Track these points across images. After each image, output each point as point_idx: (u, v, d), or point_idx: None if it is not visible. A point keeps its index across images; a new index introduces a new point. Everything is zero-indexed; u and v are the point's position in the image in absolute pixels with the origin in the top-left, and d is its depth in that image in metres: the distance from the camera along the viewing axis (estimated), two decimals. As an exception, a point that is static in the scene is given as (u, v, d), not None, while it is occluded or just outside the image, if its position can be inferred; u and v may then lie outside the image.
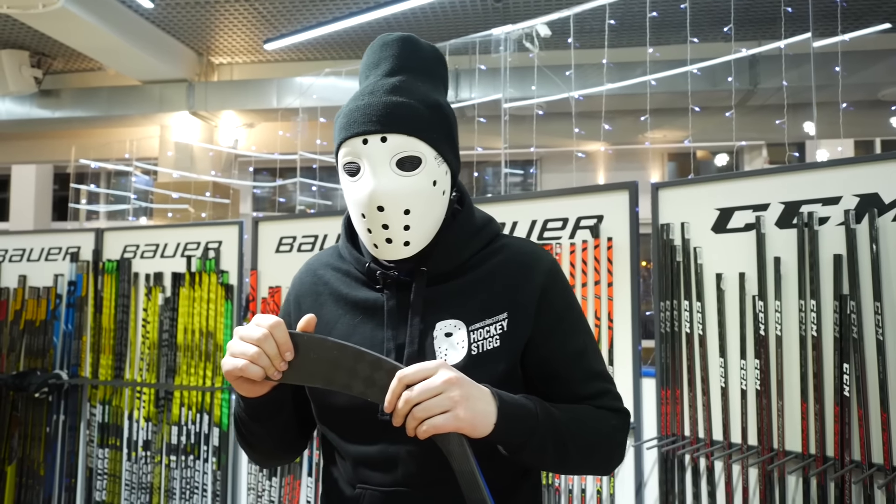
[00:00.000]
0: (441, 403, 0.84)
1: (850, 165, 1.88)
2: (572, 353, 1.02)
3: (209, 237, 3.47)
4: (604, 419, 1.01)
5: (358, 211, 0.98)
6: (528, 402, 0.93)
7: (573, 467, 1.00)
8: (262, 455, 1.09)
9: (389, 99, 0.96)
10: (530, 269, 1.02)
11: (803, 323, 1.91)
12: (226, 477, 3.28)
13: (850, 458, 1.81)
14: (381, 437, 0.98)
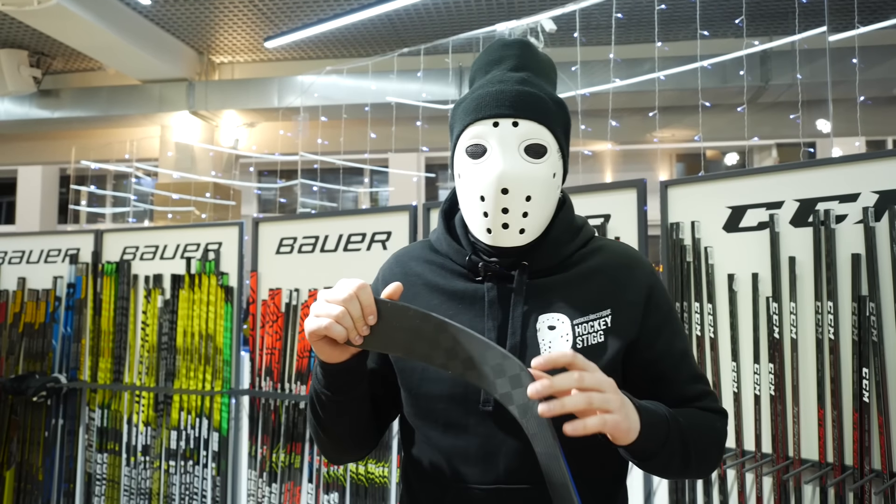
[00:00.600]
0: (610, 401, 0.81)
1: (869, 161, 1.79)
2: (678, 354, 1.02)
3: (209, 238, 3.42)
4: (712, 422, 1.00)
5: (477, 193, 0.97)
6: (658, 407, 0.92)
7: (686, 471, 0.98)
8: (333, 443, 1.03)
9: (522, 88, 0.97)
10: (634, 270, 1.03)
11: (820, 326, 1.83)
12: (225, 483, 3.22)
13: (870, 466, 1.73)
14: (481, 429, 0.96)
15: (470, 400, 0.97)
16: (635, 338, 1.00)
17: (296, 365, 3.05)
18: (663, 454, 0.91)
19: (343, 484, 2.86)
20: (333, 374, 0.93)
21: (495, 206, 0.96)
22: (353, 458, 1.08)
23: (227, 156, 7.24)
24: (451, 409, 0.98)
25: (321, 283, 3.02)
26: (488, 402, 0.96)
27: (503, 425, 0.94)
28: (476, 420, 0.96)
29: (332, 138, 5.96)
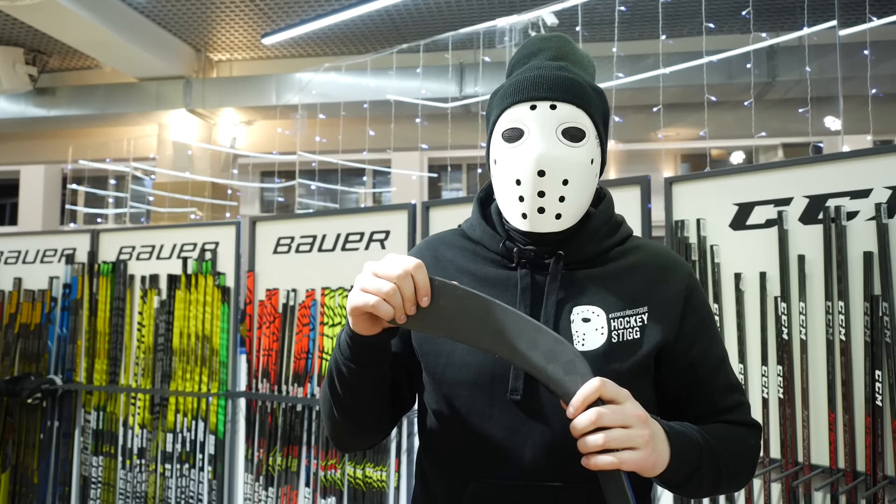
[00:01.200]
0: (633, 438, 0.78)
1: (882, 155, 1.73)
2: (715, 361, 0.99)
3: (206, 238, 3.37)
4: (745, 440, 0.97)
5: (513, 177, 0.95)
6: (691, 432, 0.88)
7: (719, 491, 0.95)
8: (347, 423, 0.98)
9: (560, 73, 0.96)
10: (673, 271, 1.00)
11: (830, 326, 1.76)
12: (221, 486, 3.17)
13: (884, 473, 1.66)
14: (506, 420, 0.92)
15: (496, 388, 0.93)
16: (672, 340, 0.96)
17: (293, 367, 3.00)
18: (694, 480, 0.88)
19: (340, 488, 2.81)
20: (361, 346, 0.89)
21: (532, 189, 0.93)
22: (363, 442, 1.03)
23: (225, 155, 7.20)
24: (476, 396, 0.94)
25: (319, 283, 2.97)
26: (516, 391, 0.92)
27: (531, 416, 0.91)
28: (502, 410, 0.93)
29: (331, 136, 5.91)
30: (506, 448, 0.92)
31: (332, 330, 2.89)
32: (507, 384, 0.93)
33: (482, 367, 0.94)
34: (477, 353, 0.94)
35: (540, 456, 0.91)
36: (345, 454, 0.94)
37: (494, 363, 0.94)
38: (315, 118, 5.84)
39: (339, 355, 0.92)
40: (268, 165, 7.97)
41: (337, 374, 0.92)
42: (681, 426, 0.89)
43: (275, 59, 7.38)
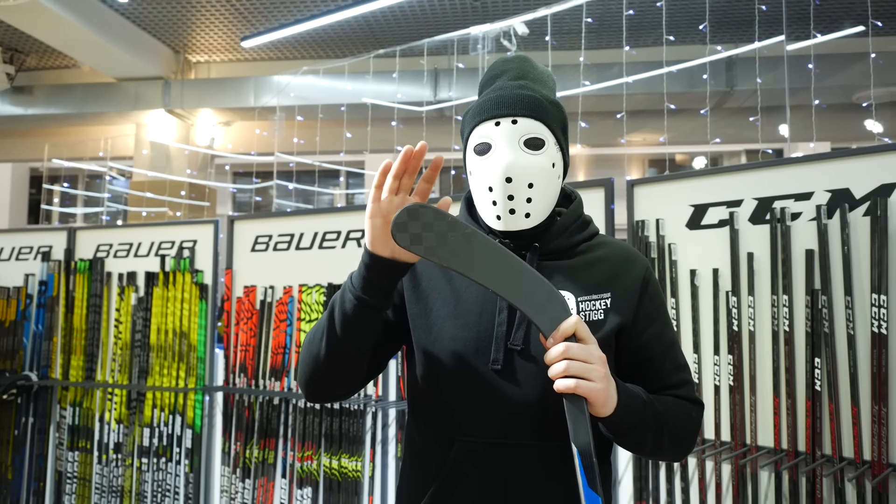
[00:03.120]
0: (593, 371, 0.91)
1: (822, 161, 1.89)
2: (666, 343, 1.12)
3: (184, 236, 3.43)
4: (688, 412, 1.10)
5: (486, 184, 1.07)
6: (639, 391, 1.02)
7: (660, 454, 1.07)
8: (331, 365, 1.05)
9: (520, 91, 1.08)
10: (632, 263, 1.13)
11: (776, 318, 1.92)
12: (198, 479, 3.23)
13: (822, 452, 1.81)
14: (489, 387, 1.04)
15: (480, 359, 1.05)
16: (630, 322, 1.09)
17: (270, 362, 3.08)
18: (637, 432, 1.00)
19: (316, 478, 2.89)
20: (378, 270, 0.99)
21: (502, 193, 1.05)
22: (335, 389, 1.10)
23: (202, 155, 7.22)
24: (461, 366, 1.06)
25: (296, 280, 3.05)
26: (497, 362, 1.05)
27: (509, 383, 1.03)
28: (484, 378, 1.05)
29: (309, 138, 5.99)
30: (486, 411, 1.05)
31: (309, 325, 2.97)
32: (489, 356, 1.05)
33: (468, 342, 1.06)
34: (464, 328, 1.06)
35: (516, 418, 1.03)
36: (316, 401, 1.00)
37: (479, 338, 1.06)
38: (293, 120, 5.91)
39: (348, 292, 1.02)
40: (242, 166, 8.00)
41: (340, 313, 1.01)
42: (631, 385, 1.03)
43: (253, 62, 7.43)
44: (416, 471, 1.12)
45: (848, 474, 1.77)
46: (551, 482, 1.02)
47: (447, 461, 1.05)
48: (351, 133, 5.92)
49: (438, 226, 0.94)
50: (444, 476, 1.05)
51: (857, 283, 1.80)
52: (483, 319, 1.07)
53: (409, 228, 0.94)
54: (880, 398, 1.73)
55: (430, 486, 1.07)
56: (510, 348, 1.04)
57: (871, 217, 1.79)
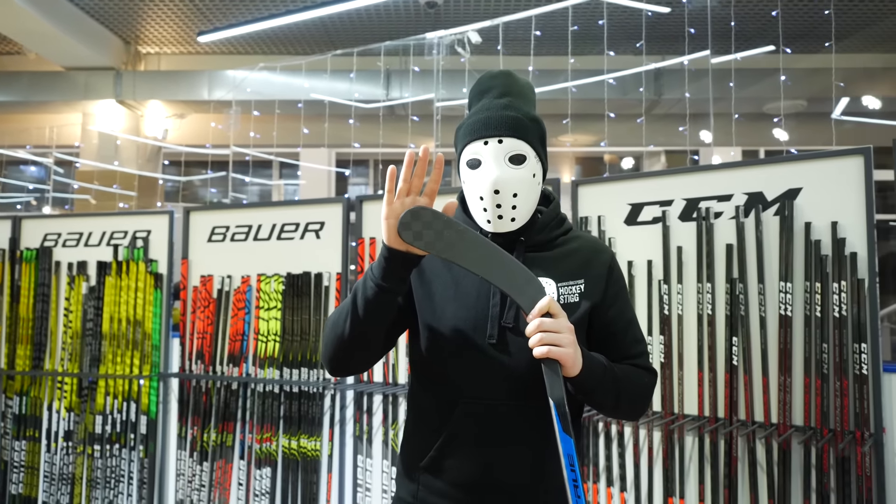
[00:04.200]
0: (563, 339, 1.12)
1: (741, 168, 2.19)
2: (626, 320, 1.33)
3: (137, 226, 3.48)
4: (642, 377, 1.31)
5: (477, 195, 1.26)
6: (600, 357, 1.23)
7: (618, 411, 1.29)
8: (354, 341, 1.23)
9: (504, 113, 1.27)
10: (600, 253, 1.34)
11: (700, 303, 2.21)
12: (153, 465, 3.30)
13: (737, 417, 2.11)
14: (486, 357, 1.24)
15: (478, 334, 1.25)
16: (599, 303, 1.30)
17: (228, 348, 3.18)
18: (599, 391, 1.21)
19: (275, 458, 3.03)
20: (395, 261, 1.16)
21: (491, 203, 1.25)
22: (360, 363, 1.29)
23: (151, 146, 7.11)
24: (462, 340, 1.25)
25: (254, 269, 3.17)
26: (493, 337, 1.24)
27: (502, 353, 1.23)
28: (481, 350, 1.24)
29: (264, 132, 6.05)
30: (485, 378, 1.24)
31: (268, 313, 3.10)
32: (485, 332, 1.24)
33: (467, 320, 1.26)
34: (463, 309, 1.26)
35: (510, 382, 1.24)
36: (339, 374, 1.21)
37: (476, 317, 1.25)
38: (248, 114, 5.96)
39: (369, 279, 1.20)
40: (190, 157, 7.93)
41: (363, 299, 1.20)
42: (595, 354, 1.24)
43: (205, 55, 7.37)
44: (422, 430, 1.31)
45: (759, 435, 2.07)
46: (539, 434, 1.24)
47: (451, 420, 1.25)
48: (289, 128, 6.03)
49: (436, 224, 1.15)
50: (449, 432, 1.25)
51: (768, 273, 2.11)
52: (480, 301, 1.27)
53: (412, 227, 1.14)
54: (785, 370, 2.04)
55: (436, 441, 1.26)
56: (503, 326, 1.25)
57: (780, 216, 2.10)
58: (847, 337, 1.97)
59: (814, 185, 2.06)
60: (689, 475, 2.21)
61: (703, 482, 2.17)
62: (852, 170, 2.01)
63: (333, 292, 3.01)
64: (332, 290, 3.01)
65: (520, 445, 1.24)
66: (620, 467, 2.33)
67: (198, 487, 3.18)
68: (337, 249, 3.03)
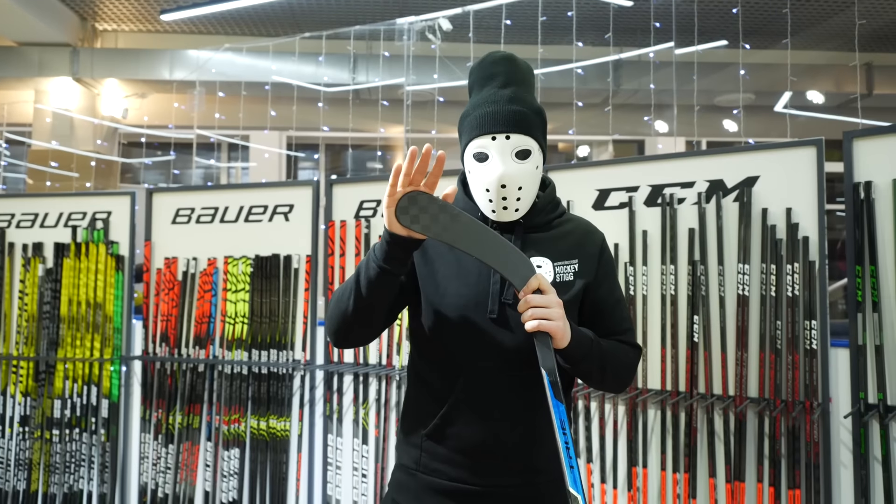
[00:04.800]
0: (552, 314, 1.20)
1: (703, 157, 2.32)
2: (615, 299, 1.42)
3: (96, 207, 3.41)
4: (627, 352, 1.40)
5: (484, 186, 1.33)
6: (588, 331, 1.31)
7: (604, 383, 1.38)
8: (360, 316, 1.29)
9: (511, 108, 1.32)
10: (592, 235, 1.44)
11: (664, 284, 2.33)
12: (115, 448, 3.27)
13: (697, 390, 2.26)
14: (486, 331, 1.31)
15: (479, 310, 1.32)
16: (591, 281, 1.39)
17: (194, 330, 3.17)
18: (586, 363, 1.30)
19: (244, 439, 3.05)
20: (396, 246, 1.22)
21: (497, 195, 1.32)
22: (363, 337, 1.36)
23: (107, 127, 6.89)
24: (464, 316, 1.33)
25: (221, 252, 3.16)
26: (493, 312, 1.31)
27: (501, 327, 1.31)
28: (482, 324, 1.32)
29: (229, 113, 5.95)
30: (486, 350, 1.32)
31: (235, 296, 3.10)
32: (486, 308, 1.32)
33: (468, 297, 1.33)
34: (465, 287, 1.32)
35: (509, 354, 1.31)
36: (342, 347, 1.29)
37: (478, 294, 1.32)
38: (213, 95, 5.85)
39: (371, 261, 1.25)
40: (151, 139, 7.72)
41: (366, 279, 1.25)
42: (583, 328, 1.33)
43: (165, 34, 7.15)
44: (425, 399, 1.37)
45: (717, 407, 2.22)
46: (534, 402, 1.32)
47: (455, 390, 1.32)
48: (250, 111, 5.96)
49: (431, 209, 1.21)
50: (452, 402, 1.32)
51: (727, 256, 2.25)
52: (481, 280, 1.34)
53: (409, 211, 1.20)
54: (742, 346, 2.19)
55: (439, 410, 1.33)
56: (503, 302, 1.32)
57: (739, 203, 2.23)
58: (798, 315, 2.13)
59: (770, 173, 2.20)
60: (652, 445, 2.35)
61: (664, 452, 2.31)
62: (805, 160, 2.16)
63: (303, 274, 3.04)
64: (302, 272, 3.04)
65: (517, 413, 1.33)
66: (587, 440, 2.45)
67: (163, 470, 3.17)
68: (307, 232, 3.06)
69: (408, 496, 1.37)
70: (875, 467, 2.03)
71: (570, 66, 5.04)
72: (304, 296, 3.03)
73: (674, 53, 4.91)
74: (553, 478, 1.33)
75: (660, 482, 2.31)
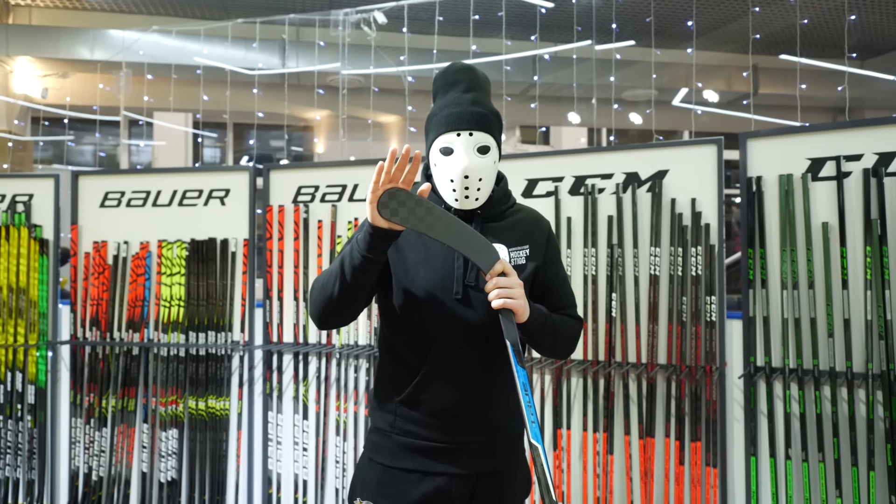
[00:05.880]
0: (515, 293, 1.39)
1: (621, 151, 2.59)
2: (560, 279, 1.63)
3: (16, 190, 3.33)
4: (572, 324, 1.61)
5: (448, 177, 1.49)
6: (542, 308, 1.52)
7: (555, 351, 1.59)
8: (343, 301, 1.44)
9: (473, 109, 1.50)
10: (540, 223, 1.63)
11: (586, 265, 2.60)
12: (43, 434, 3.23)
13: (615, 359, 2.55)
14: (452, 310, 1.49)
15: (445, 291, 1.49)
16: (541, 264, 1.59)
17: (126, 314, 3.18)
18: (540, 334, 1.52)
19: (182, 420, 3.10)
20: (378, 236, 1.37)
21: (460, 186, 1.50)
22: (346, 318, 1.52)
23: (21, 106, 6.47)
24: (433, 297, 1.50)
25: (154, 235, 3.17)
26: (458, 293, 1.49)
27: (466, 306, 1.49)
28: (449, 304, 1.49)
29: (157, 95, 5.78)
30: (453, 326, 1.50)
31: (171, 279, 3.13)
32: (452, 290, 1.49)
33: (436, 280, 1.50)
34: (433, 271, 1.50)
35: (472, 329, 1.50)
36: (326, 328, 1.48)
37: (444, 277, 1.50)
38: (142, 76, 5.66)
39: (356, 250, 1.41)
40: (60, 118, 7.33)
41: (350, 266, 1.41)
42: (538, 304, 1.54)
43: (82, 11, 6.75)
44: (398, 370, 1.54)
45: (632, 373, 2.52)
46: (494, 371, 1.52)
47: (426, 361, 1.50)
48: (181, 93, 5.83)
49: (409, 203, 1.39)
50: (424, 372, 1.50)
51: (641, 240, 2.54)
52: (446, 265, 1.51)
53: (389, 205, 1.38)
54: (654, 319, 2.49)
55: (412, 380, 1.51)
56: (466, 284, 1.51)
57: (651, 193, 2.52)
58: (701, 291, 2.45)
59: (678, 167, 2.50)
60: (574, 409, 2.62)
61: (586, 415, 2.59)
62: (708, 156, 2.47)
63: (241, 258, 3.11)
64: (240, 255, 3.11)
65: (480, 380, 1.53)
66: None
67: (97, 454, 3.18)
68: (244, 216, 3.12)
69: (383, 454, 1.54)
70: (761, 420, 2.39)
71: (499, 57, 5.28)
72: (241, 278, 3.11)
73: (594, 49, 5.24)
74: (509, 434, 1.55)
75: (582, 441, 2.60)
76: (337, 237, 2.96)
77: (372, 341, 2.91)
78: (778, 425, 2.36)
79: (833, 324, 2.27)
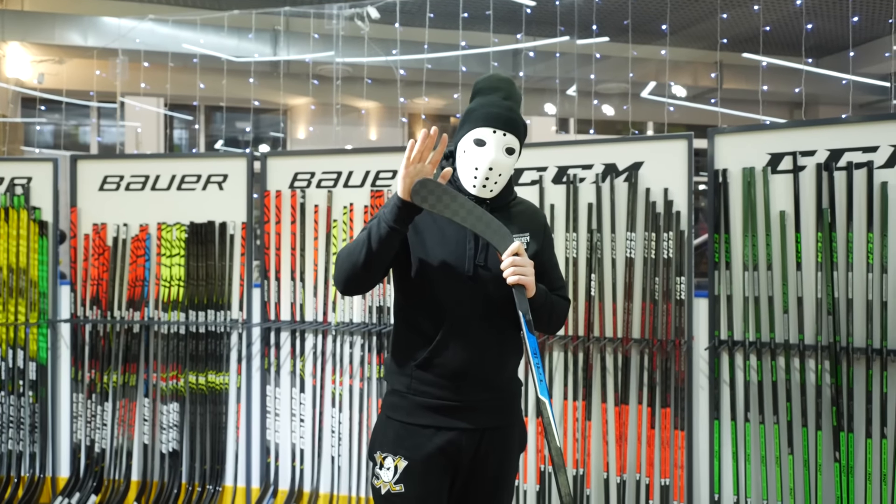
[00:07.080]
0: (527, 271, 1.59)
1: (600, 144, 2.82)
2: (553, 264, 1.85)
3: (15, 173, 3.42)
4: (562, 303, 1.83)
5: (474, 166, 1.67)
6: (543, 287, 1.73)
7: (550, 326, 1.80)
8: (368, 270, 1.63)
9: (510, 114, 1.70)
10: (538, 214, 1.84)
11: (568, 249, 2.83)
12: (45, 409, 3.35)
13: (593, 334, 2.79)
14: (466, 286, 1.68)
15: (458, 269, 1.70)
16: (538, 249, 1.81)
17: (126, 294, 3.31)
18: (541, 310, 1.73)
19: (183, 394, 3.26)
20: (405, 209, 1.55)
21: (483, 175, 1.69)
22: (366, 286, 1.71)
23: (12, 91, 6.40)
24: (447, 273, 1.70)
25: (154, 218, 3.30)
26: (470, 271, 1.69)
27: (477, 284, 1.69)
28: (461, 280, 1.69)
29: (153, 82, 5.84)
30: (465, 300, 1.70)
31: (170, 260, 3.27)
32: (464, 268, 1.69)
33: (450, 258, 1.70)
34: (447, 252, 1.70)
35: (479, 303, 1.70)
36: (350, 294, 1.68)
37: (457, 257, 1.70)
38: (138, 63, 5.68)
39: (382, 221, 1.60)
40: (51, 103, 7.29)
41: (377, 236, 1.59)
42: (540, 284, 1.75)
43: None
44: (414, 337, 1.74)
45: (609, 347, 2.77)
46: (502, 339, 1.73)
47: (441, 330, 1.70)
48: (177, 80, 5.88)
49: (437, 191, 1.60)
50: (439, 339, 1.70)
51: (618, 226, 2.78)
52: (459, 246, 1.72)
53: (420, 193, 1.58)
54: (629, 298, 2.74)
55: (428, 346, 1.71)
56: (476, 264, 1.71)
57: (628, 182, 2.76)
58: (671, 272, 2.70)
59: (653, 159, 2.74)
60: (556, 380, 2.86)
61: (566, 385, 2.83)
62: (679, 149, 2.71)
63: (239, 240, 3.26)
64: (238, 238, 3.26)
65: (488, 347, 1.74)
66: (502, 379, 2.93)
67: (99, 427, 3.32)
68: (241, 200, 3.27)
69: (401, 412, 1.75)
70: (724, 387, 2.66)
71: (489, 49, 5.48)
72: (240, 259, 3.26)
73: (575, 44, 5.48)
74: (510, 394, 1.78)
75: (562, 409, 2.84)
76: (332, 221, 3.14)
77: (366, 319, 3.11)
78: (738, 392, 2.64)
79: (788, 301, 2.54)
